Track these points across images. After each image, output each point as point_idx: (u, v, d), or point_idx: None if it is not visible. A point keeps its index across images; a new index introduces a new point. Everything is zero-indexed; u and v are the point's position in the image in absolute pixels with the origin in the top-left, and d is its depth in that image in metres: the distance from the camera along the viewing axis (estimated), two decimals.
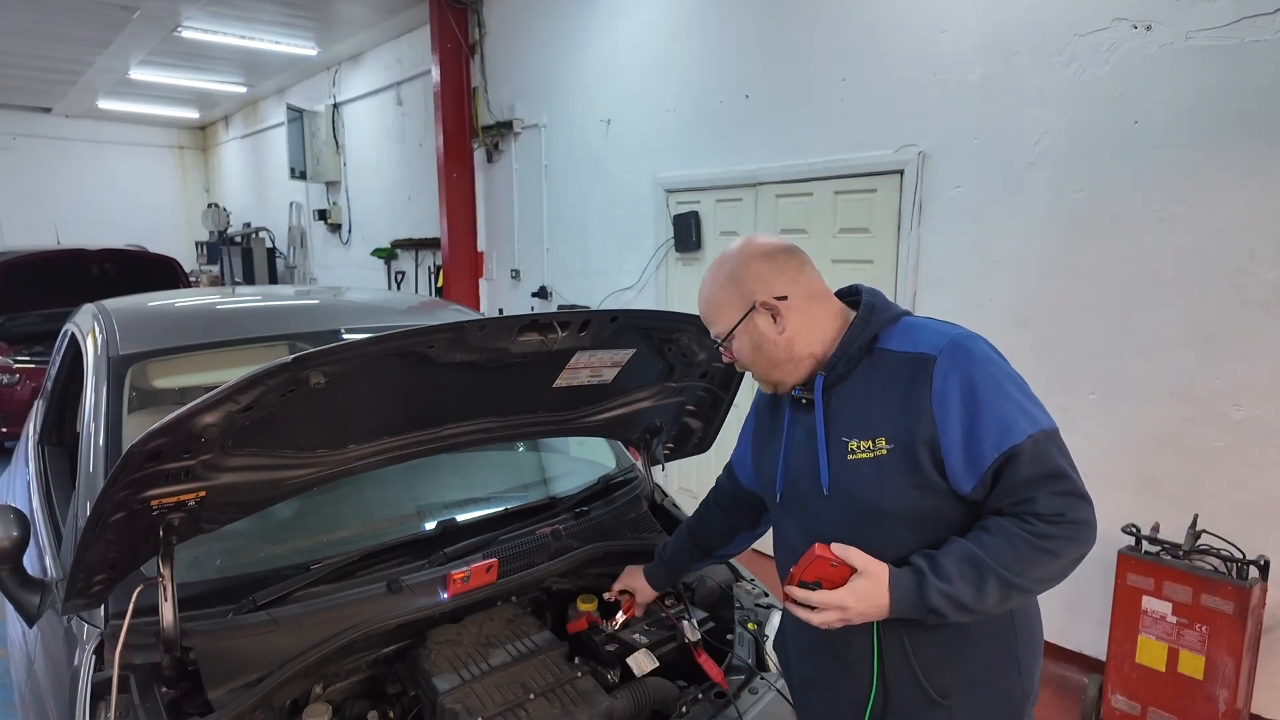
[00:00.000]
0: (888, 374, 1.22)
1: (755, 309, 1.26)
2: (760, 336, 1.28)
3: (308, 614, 1.53)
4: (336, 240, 8.85)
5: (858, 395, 1.24)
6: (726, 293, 1.29)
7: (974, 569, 1.11)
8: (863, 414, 1.22)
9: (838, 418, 1.24)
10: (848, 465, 1.22)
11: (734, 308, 1.28)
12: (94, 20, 6.71)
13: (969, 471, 1.14)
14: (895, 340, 1.24)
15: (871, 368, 1.24)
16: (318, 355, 1.23)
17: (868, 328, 1.26)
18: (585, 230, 5.37)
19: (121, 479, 1.18)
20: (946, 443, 1.15)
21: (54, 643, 1.58)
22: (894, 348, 1.23)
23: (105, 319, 2.18)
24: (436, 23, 6.01)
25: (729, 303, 1.29)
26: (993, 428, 1.12)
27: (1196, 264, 2.64)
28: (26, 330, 6.17)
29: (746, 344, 1.29)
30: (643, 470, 2.19)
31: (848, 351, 1.26)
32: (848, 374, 1.25)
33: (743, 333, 1.28)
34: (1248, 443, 2.58)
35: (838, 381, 1.26)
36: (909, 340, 1.23)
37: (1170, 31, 2.62)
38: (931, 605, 1.11)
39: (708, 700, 1.60)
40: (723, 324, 1.30)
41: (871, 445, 1.19)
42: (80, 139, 11.73)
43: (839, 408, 1.25)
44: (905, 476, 1.17)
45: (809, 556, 1.16)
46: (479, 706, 1.49)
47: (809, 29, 3.74)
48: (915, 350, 1.20)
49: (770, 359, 1.29)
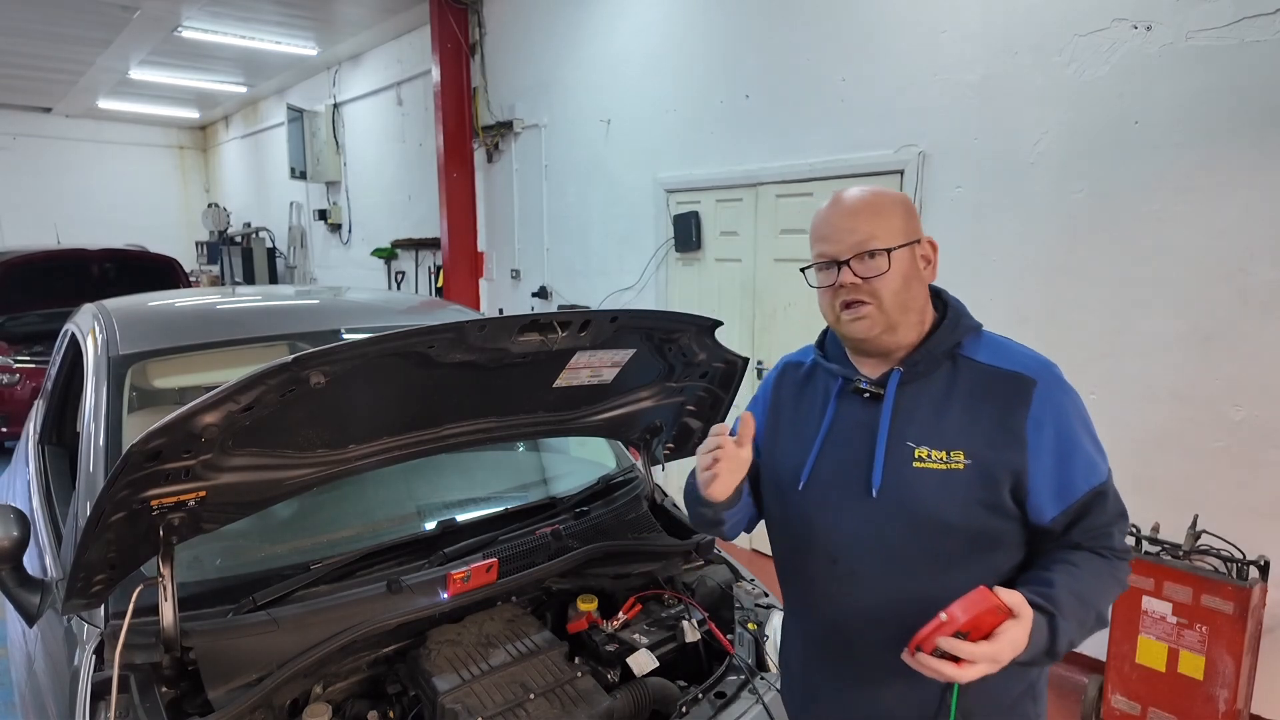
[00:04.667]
0: (975, 386, 1.14)
1: (920, 243, 1.17)
2: (915, 273, 1.16)
3: (308, 614, 1.53)
4: (336, 240, 8.85)
5: (934, 401, 1.15)
6: (899, 209, 1.16)
7: (1083, 607, 1.06)
8: (938, 422, 1.14)
9: (906, 420, 1.16)
10: (911, 472, 1.13)
11: (907, 226, 1.16)
12: (94, 20, 6.71)
13: (1056, 501, 1.10)
14: (982, 352, 1.17)
15: (954, 375, 1.16)
16: (318, 355, 1.23)
17: (955, 331, 1.18)
18: (585, 230, 5.37)
19: (121, 479, 1.18)
20: (1036, 469, 1.10)
21: (54, 643, 1.58)
22: (983, 360, 1.16)
23: (105, 319, 2.18)
24: (436, 23, 6.01)
25: (901, 217, 1.16)
26: (1084, 462, 1.10)
27: (1196, 264, 2.64)
28: (26, 330, 6.18)
29: (901, 270, 1.14)
30: (643, 470, 2.19)
31: (933, 352, 1.17)
32: (926, 375, 1.17)
33: (905, 257, 1.14)
34: (1248, 443, 2.58)
35: (912, 380, 1.17)
36: (1000, 356, 1.16)
37: (1170, 31, 2.62)
38: (1059, 650, 1.04)
39: (708, 700, 1.60)
40: (889, 233, 1.14)
41: (945, 457, 1.12)
42: (80, 139, 11.73)
43: (909, 409, 1.16)
44: (977, 494, 1.11)
45: (976, 604, 0.96)
46: (479, 706, 1.49)
47: (809, 29, 3.74)
48: (1010, 368, 1.14)
49: (908, 303, 1.15)
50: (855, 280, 1.13)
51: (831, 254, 1.16)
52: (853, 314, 1.15)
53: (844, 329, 1.19)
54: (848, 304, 1.15)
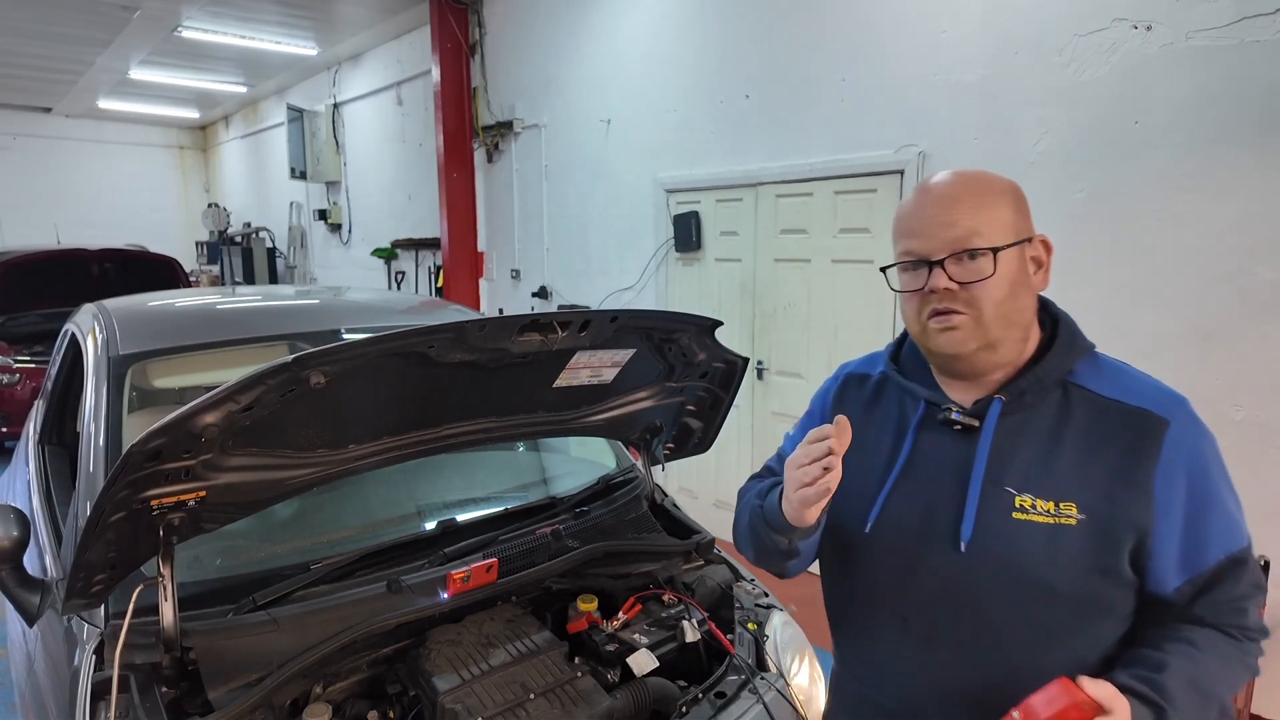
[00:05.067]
0: (1092, 424, 0.96)
1: (1032, 242, 0.99)
2: (1022, 278, 0.97)
3: (308, 614, 1.53)
4: (336, 240, 8.84)
5: (1041, 439, 0.96)
6: (1009, 198, 0.98)
7: (1201, 700, 0.90)
8: (1046, 465, 0.95)
9: (1006, 460, 0.97)
10: (1011, 524, 0.95)
11: (1014, 223, 0.97)
12: (94, 20, 6.70)
13: (1182, 570, 0.93)
14: (1098, 382, 0.98)
15: (1066, 409, 0.97)
16: (318, 355, 1.23)
17: (1070, 354, 0.99)
18: (585, 230, 5.37)
19: (121, 479, 1.18)
20: (1163, 530, 0.92)
21: (54, 643, 1.58)
22: (1103, 392, 0.97)
23: (105, 319, 2.18)
24: (436, 23, 6.01)
25: (1011, 209, 0.98)
26: (1221, 522, 0.94)
27: (1196, 264, 2.64)
28: (26, 330, 6.18)
29: (1007, 275, 0.94)
30: (643, 470, 2.18)
31: (1044, 379, 0.98)
32: (1032, 406, 0.98)
33: (1013, 258, 0.95)
34: (1248, 443, 2.58)
35: (1016, 412, 0.98)
36: (1123, 387, 0.98)
37: (1170, 31, 2.62)
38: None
39: (708, 700, 1.60)
40: (996, 228, 0.95)
41: (1054, 509, 0.93)
42: (80, 139, 11.72)
43: (1010, 448, 0.97)
44: (1091, 557, 0.93)
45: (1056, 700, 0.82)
46: (479, 706, 1.48)
47: (809, 29, 3.74)
48: (1136, 404, 0.95)
49: (1012, 315, 0.96)
50: (950, 285, 0.94)
51: (922, 252, 0.96)
52: (943, 321, 0.96)
53: (931, 341, 0.98)
54: (938, 312, 0.96)
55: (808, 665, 1.82)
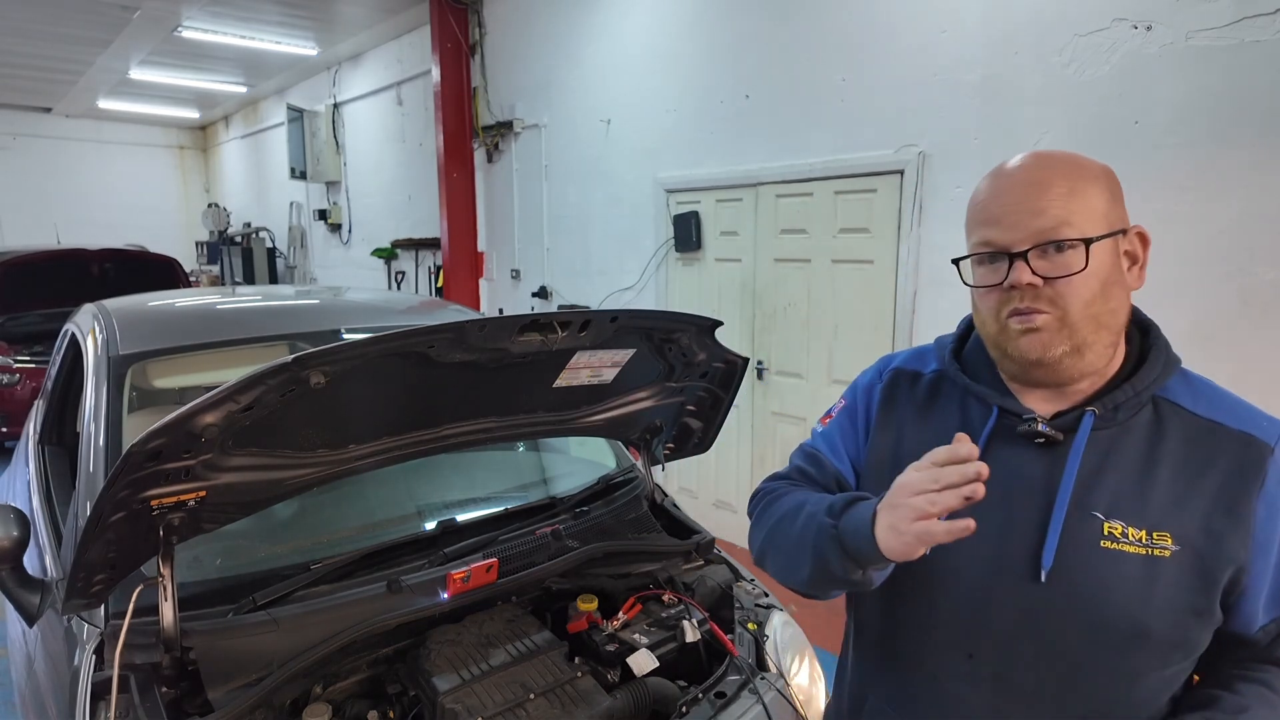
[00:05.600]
0: (1189, 447, 0.86)
1: (1127, 234, 0.89)
2: (1115, 276, 0.86)
3: (308, 614, 1.53)
4: (336, 240, 8.84)
5: (1134, 460, 0.87)
6: (1102, 183, 0.89)
7: None
8: (1139, 490, 0.85)
9: (1094, 481, 0.87)
10: (1098, 554, 0.85)
11: (1108, 213, 0.87)
12: (94, 20, 6.71)
13: (1272, 607, 0.86)
14: (1194, 400, 0.90)
15: (1159, 428, 0.88)
16: (318, 355, 1.23)
17: (1166, 367, 0.90)
18: (585, 230, 5.37)
19: (121, 479, 1.18)
20: (1259, 567, 0.84)
21: (54, 643, 1.58)
22: (1199, 412, 0.89)
23: (105, 319, 2.18)
24: (436, 23, 6.01)
25: (1105, 196, 0.88)
26: None
27: (1196, 264, 2.64)
28: (26, 330, 6.18)
29: (1100, 271, 0.84)
30: (643, 470, 2.18)
31: (1140, 392, 0.88)
32: (1125, 423, 0.88)
33: (1107, 252, 0.86)
34: None
35: (1106, 428, 0.88)
36: (1220, 408, 0.89)
37: (1170, 31, 2.62)
38: None
39: (708, 700, 1.60)
40: (1089, 217, 0.85)
41: (1146, 539, 0.84)
42: (80, 139, 11.73)
43: (1099, 468, 0.87)
44: (1187, 595, 0.83)
45: None
46: (479, 706, 1.48)
47: (809, 29, 3.74)
48: (1236, 426, 0.87)
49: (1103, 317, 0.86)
50: (1034, 280, 0.83)
51: (1003, 243, 0.85)
52: (1025, 321, 0.85)
53: (1011, 343, 0.87)
54: (1018, 311, 0.86)
55: (808, 665, 1.82)
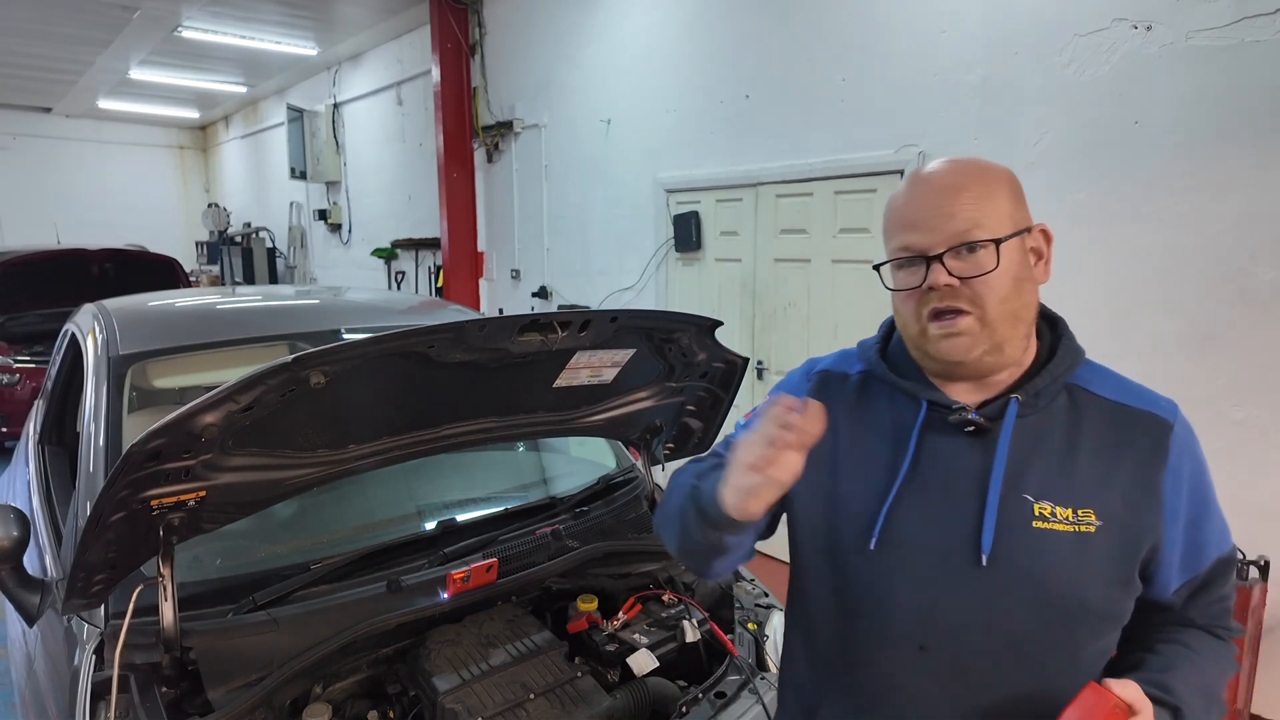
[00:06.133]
0: (1101, 427, 0.92)
1: (1031, 233, 0.93)
2: (1024, 273, 0.91)
3: (308, 614, 1.53)
4: (336, 240, 8.85)
5: (1057, 443, 0.92)
6: (1005, 186, 0.92)
7: (1206, 702, 0.88)
8: (1064, 471, 0.91)
9: (1023, 465, 0.91)
10: (1032, 534, 0.89)
11: (1014, 213, 0.91)
12: (94, 20, 6.71)
13: (1183, 571, 0.93)
14: (1100, 384, 0.96)
15: (1076, 412, 0.93)
16: (318, 355, 1.23)
17: (1075, 355, 0.96)
18: (585, 230, 5.37)
19: (121, 479, 1.18)
20: (1171, 534, 0.91)
21: (54, 643, 1.58)
22: (1105, 394, 0.94)
23: (105, 319, 2.18)
24: (436, 23, 6.01)
25: (1009, 197, 0.91)
26: (1218, 524, 0.94)
27: (1196, 264, 2.64)
28: (26, 330, 6.17)
29: (1010, 269, 0.89)
30: (643, 470, 2.18)
31: (1057, 379, 0.93)
32: (1046, 409, 0.93)
33: (1017, 249, 0.90)
34: (1248, 443, 2.58)
35: (1030, 414, 0.92)
36: (1125, 391, 0.95)
37: (1170, 31, 2.62)
38: None
39: (708, 700, 1.60)
40: (997, 218, 0.89)
41: (1073, 516, 0.88)
42: (80, 139, 11.74)
43: (1026, 452, 0.91)
44: (1113, 567, 0.89)
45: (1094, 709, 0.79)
46: (479, 706, 1.48)
47: (809, 29, 3.74)
48: (1139, 406, 0.94)
49: (1019, 312, 0.91)
50: (951, 281, 0.88)
51: (920, 246, 0.90)
52: (946, 326, 0.90)
53: (933, 346, 0.92)
54: (939, 313, 0.90)
55: None
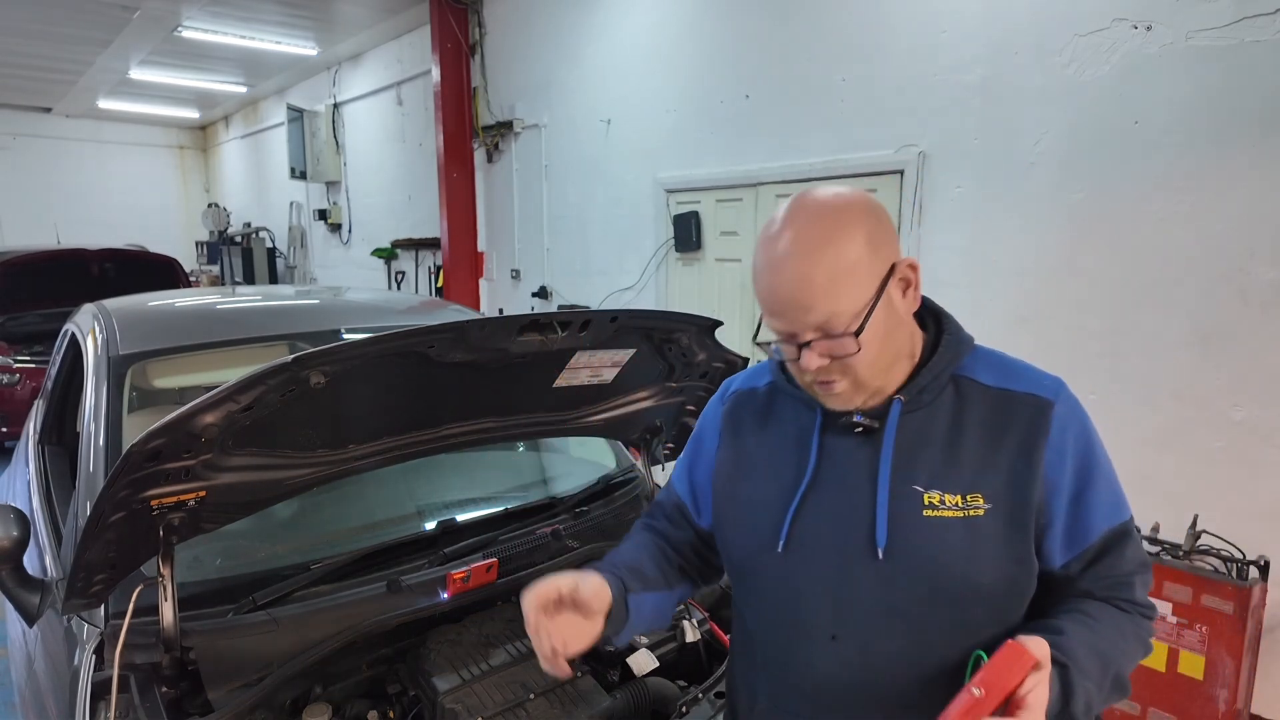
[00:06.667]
0: (987, 414, 0.97)
1: (893, 275, 0.92)
2: (893, 319, 0.94)
3: (308, 614, 1.53)
4: (336, 240, 8.85)
5: (942, 434, 0.97)
6: (857, 252, 0.89)
7: (1101, 664, 0.89)
8: (950, 459, 0.96)
9: (911, 459, 0.97)
10: (923, 523, 0.94)
11: (870, 274, 0.90)
12: (94, 20, 6.71)
13: (1069, 544, 0.95)
14: (985, 372, 1.00)
15: (960, 402, 0.98)
16: (318, 355, 1.23)
17: (958, 349, 1.00)
18: (585, 230, 5.37)
19: (121, 479, 1.18)
20: (1055, 507, 0.94)
21: (54, 643, 1.58)
22: (989, 382, 0.99)
23: (105, 319, 2.18)
24: (436, 23, 6.02)
25: (862, 266, 0.90)
26: (1106, 496, 0.95)
27: (1196, 264, 2.64)
28: (26, 330, 6.17)
29: (879, 330, 0.91)
30: (643, 470, 2.18)
31: (939, 375, 0.98)
32: (931, 403, 0.98)
33: (880, 313, 0.91)
34: (1248, 443, 2.58)
35: (915, 409, 0.98)
36: (1008, 375, 1.00)
37: (1170, 31, 2.62)
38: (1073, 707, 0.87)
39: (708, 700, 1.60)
40: (855, 301, 0.89)
41: (962, 502, 0.93)
42: (80, 139, 11.74)
43: (913, 446, 0.97)
44: (1005, 546, 0.93)
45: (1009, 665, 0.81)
46: (479, 706, 1.48)
47: (809, 29, 3.74)
48: (1022, 389, 0.98)
49: (895, 354, 0.96)
50: (822, 363, 0.93)
51: (786, 333, 0.94)
52: (825, 389, 0.96)
53: (819, 398, 0.99)
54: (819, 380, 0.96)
55: None
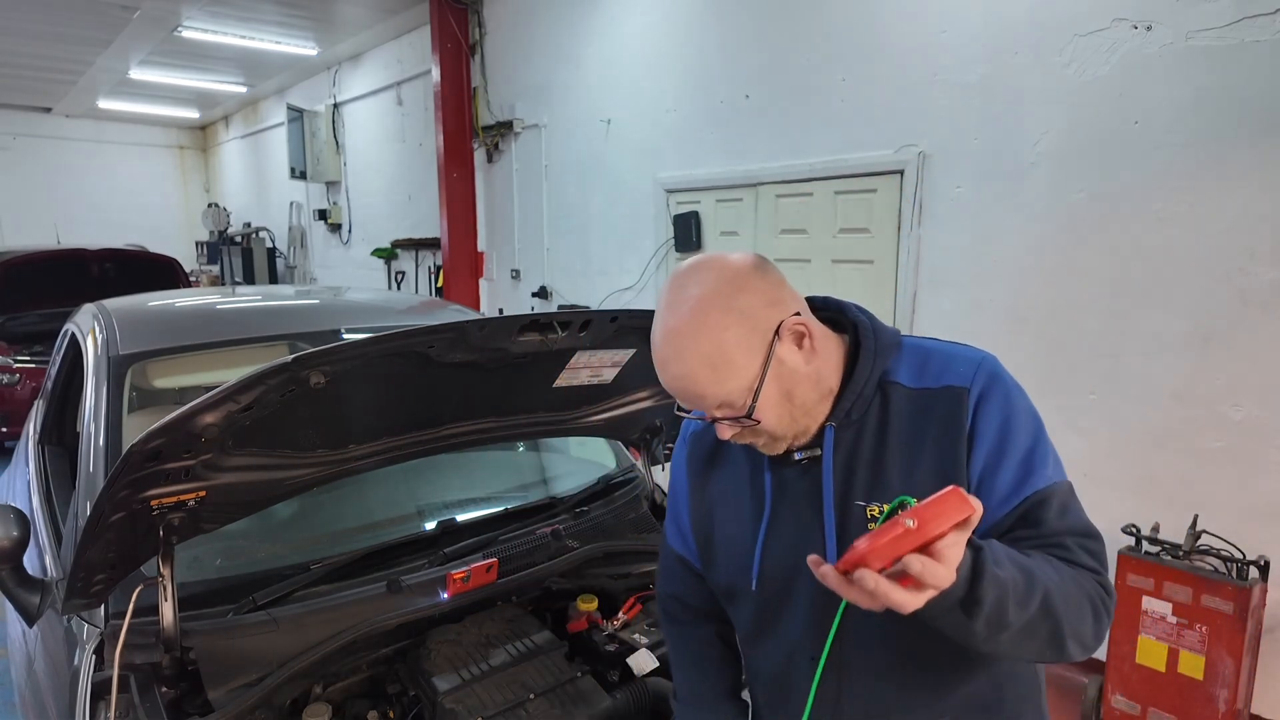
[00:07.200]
0: (909, 417, 0.98)
1: (778, 338, 0.92)
2: (791, 377, 0.94)
3: (308, 614, 1.53)
4: (336, 240, 8.85)
5: (871, 447, 0.98)
6: (730, 335, 0.90)
7: (1024, 576, 0.83)
8: (881, 470, 0.97)
9: (849, 476, 0.98)
10: None
11: (750, 351, 0.91)
12: (94, 20, 6.71)
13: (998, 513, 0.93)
14: (908, 373, 1.00)
15: (885, 410, 0.99)
16: (318, 355, 1.23)
17: (878, 358, 0.99)
18: (585, 230, 5.37)
19: (122, 479, 1.18)
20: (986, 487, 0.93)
21: (54, 643, 1.58)
22: (911, 384, 0.99)
23: (105, 319, 2.18)
24: (436, 23, 6.01)
25: (740, 347, 0.90)
26: (1021, 464, 0.93)
27: (1196, 264, 2.64)
28: (26, 330, 6.17)
29: (774, 396, 0.93)
30: (643, 470, 2.19)
31: (862, 391, 0.98)
32: (859, 419, 0.99)
33: (772, 381, 0.92)
34: (1248, 443, 2.58)
35: (847, 428, 0.99)
36: (925, 373, 0.99)
37: (1170, 31, 2.62)
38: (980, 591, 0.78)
39: None
40: (741, 382, 0.91)
41: None
42: (80, 139, 11.73)
43: (849, 464, 0.99)
44: None
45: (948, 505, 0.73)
46: (479, 706, 1.49)
47: (809, 29, 3.74)
48: (940, 384, 0.97)
49: (803, 405, 0.96)
50: (734, 429, 0.95)
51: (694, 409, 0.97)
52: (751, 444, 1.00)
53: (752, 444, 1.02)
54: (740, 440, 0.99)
55: None
